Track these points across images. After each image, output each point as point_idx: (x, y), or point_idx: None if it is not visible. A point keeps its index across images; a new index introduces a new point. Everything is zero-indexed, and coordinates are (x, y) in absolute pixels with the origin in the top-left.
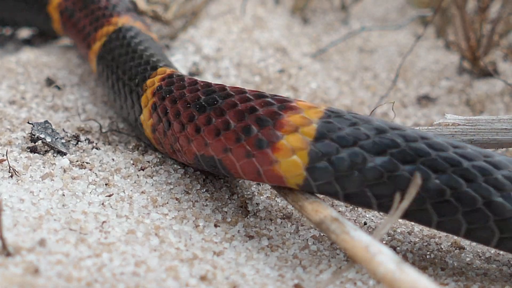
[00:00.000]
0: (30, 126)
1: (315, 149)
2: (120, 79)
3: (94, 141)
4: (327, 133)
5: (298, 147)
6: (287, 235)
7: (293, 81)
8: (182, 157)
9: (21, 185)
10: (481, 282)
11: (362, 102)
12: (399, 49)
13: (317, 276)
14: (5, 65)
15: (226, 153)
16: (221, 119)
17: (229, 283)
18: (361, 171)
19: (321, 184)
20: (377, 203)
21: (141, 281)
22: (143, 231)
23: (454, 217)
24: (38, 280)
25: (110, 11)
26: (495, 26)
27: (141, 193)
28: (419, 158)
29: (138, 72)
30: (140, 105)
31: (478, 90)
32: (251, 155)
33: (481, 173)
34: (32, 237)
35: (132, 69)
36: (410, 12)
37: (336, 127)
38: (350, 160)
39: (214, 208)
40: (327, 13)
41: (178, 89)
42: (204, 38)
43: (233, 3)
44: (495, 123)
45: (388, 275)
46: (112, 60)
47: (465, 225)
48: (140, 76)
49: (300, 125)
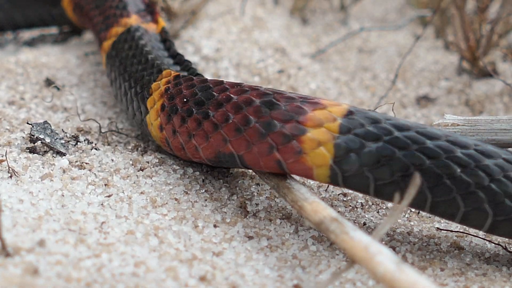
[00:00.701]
0: (29, 126)
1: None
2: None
3: (94, 142)
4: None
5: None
6: (287, 236)
7: (293, 82)
8: (196, 155)
9: (21, 186)
10: (480, 282)
11: (362, 103)
12: (399, 50)
13: (316, 276)
14: (4, 66)
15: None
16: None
17: (229, 283)
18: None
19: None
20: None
21: (140, 281)
22: (143, 232)
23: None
24: (38, 280)
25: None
26: (494, 27)
27: (140, 193)
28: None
29: (144, 75)
30: (146, 107)
31: (477, 90)
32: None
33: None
34: (31, 238)
35: (138, 72)
36: (410, 12)
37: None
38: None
39: (214, 209)
40: (327, 13)
41: (188, 89)
42: (204, 38)
43: (232, 4)
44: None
45: (387, 275)
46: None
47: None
48: (146, 78)
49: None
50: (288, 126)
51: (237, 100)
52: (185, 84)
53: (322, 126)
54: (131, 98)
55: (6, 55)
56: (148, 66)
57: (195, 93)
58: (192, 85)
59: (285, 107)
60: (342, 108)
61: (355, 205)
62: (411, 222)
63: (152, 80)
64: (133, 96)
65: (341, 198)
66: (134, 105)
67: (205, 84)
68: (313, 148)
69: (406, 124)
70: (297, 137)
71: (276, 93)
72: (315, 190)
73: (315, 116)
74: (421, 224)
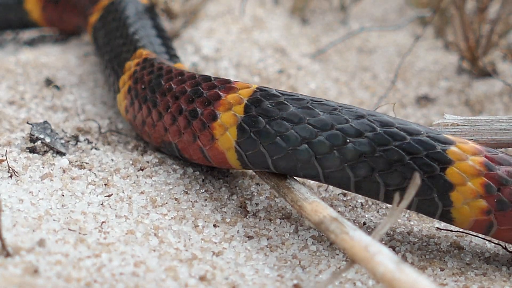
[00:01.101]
0: (30, 126)
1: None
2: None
3: (93, 142)
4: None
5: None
6: (286, 235)
7: (292, 82)
8: (152, 142)
9: (21, 186)
10: (480, 282)
11: (362, 103)
12: (398, 50)
13: (316, 276)
14: (4, 66)
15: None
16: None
17: (228, 283)
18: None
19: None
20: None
21: (140, 281)
22: (142, 231)
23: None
24: (38, 280)
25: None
26: (494, 26)
27: (140, 193)
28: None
29: (122, 51)
30: (118, 85)
31: (477, 90)
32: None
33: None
34: (31, 238)
35: (119, 47)
36: (409, 12)
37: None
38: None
39: (213, 209)
40: (326, 13)
41: (148, 75)
42: (203, 38)
43: (232, 4)
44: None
45: (387, 275)
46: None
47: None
48: (123, 56)
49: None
50: (206, 113)
51: (175, 89)
52: (147, 70)
53: (231, 109)
54: (109, 72)
55: (6, 55)
56: (127, 42)
57: (151, 80)
58: (151, 71)
59: (206, 94)
60: (251, 90)
61: (355, 205)
62: (411, 222)
63: (127, 59)
64: (110, 71)
65: (341, 198)
66: (110, 80)
67: (160, 72)
68: (221, 134)
69: (302, 99)
70: (211, 123)
71: (204, 81)
72: (315, 190)
73: (227, 100)
74: (421, 224)
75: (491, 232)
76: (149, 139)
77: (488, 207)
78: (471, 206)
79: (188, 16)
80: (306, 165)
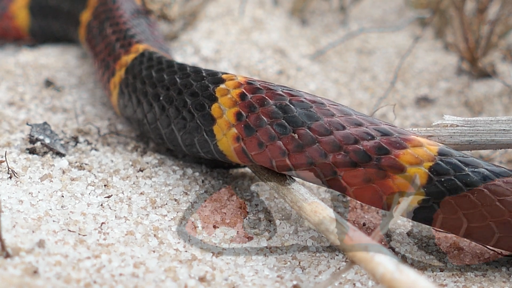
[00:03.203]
0: (29, 127)
1: None
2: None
3: (93, 143)
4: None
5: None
6: (286, 236)
7: (292, 83)
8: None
9: (20, 186)
10: (480, 283)
11: (361, 104)
12: (398, 51)
13: (316, 277)
14: (4, 67)
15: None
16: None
17: (228, 284)
18: None
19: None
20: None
21: (140, 282)
22: (142, 232)
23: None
24: (37, 281)
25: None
26: (493, 27)
27: (140, 194)
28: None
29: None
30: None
31: (476, 91)
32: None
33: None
34: (31, 239)
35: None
36: (409, 13)
37: None
38: None
39: (213, 209)
40: (326, 14)
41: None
42: (203, 39)
43: (232, 5)
44: (494, 124)
45: (387, 276)
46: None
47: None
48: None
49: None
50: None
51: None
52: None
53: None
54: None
55: (5, 56)
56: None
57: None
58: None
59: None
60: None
61: (354, 206)
62: (411, 223)
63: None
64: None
65: (340, 198)
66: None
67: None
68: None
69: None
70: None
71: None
72: (315, 191)
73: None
74: (421, 224)
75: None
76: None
77: (237, 133)
78: (227, 136)
79: (187, 18)
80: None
